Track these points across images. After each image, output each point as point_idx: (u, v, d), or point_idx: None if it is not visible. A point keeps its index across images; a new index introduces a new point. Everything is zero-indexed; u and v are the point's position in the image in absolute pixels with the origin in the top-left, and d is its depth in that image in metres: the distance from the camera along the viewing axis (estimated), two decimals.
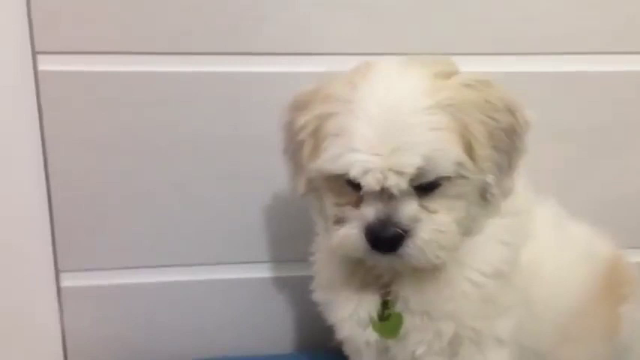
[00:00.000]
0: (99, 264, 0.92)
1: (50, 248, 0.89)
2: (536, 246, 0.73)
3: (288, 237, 0.93)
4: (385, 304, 0.71)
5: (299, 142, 0.67)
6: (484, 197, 0.66)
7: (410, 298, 0.69)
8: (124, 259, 0.92)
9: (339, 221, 0.65)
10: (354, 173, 0.61)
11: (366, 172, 0.61)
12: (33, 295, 0.91)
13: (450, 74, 0.66)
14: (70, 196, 0.88)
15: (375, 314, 0.71)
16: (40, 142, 0.85)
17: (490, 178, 0.65)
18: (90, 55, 0.83)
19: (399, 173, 0.60)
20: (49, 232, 0.89)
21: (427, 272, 0.67)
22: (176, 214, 0.91)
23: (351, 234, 0.63)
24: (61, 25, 0.81)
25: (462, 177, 0.63)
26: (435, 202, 0.63)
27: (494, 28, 0.88)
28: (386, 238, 0.62)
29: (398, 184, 0.60)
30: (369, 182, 0.61)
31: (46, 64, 0.82)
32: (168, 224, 0.91)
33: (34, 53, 0.81)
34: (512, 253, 0.70)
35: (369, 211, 0.62)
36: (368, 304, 0.71)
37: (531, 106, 0.89)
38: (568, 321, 0.75)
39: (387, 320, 0.71)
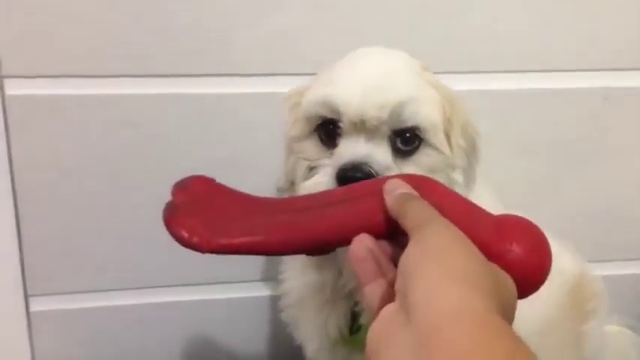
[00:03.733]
0: (68, 287, 0.91)
1: (19, 272, 0.89)
2: None
3: (259, 257, 0.92)
4: (355, 316, 0.68)
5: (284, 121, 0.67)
6: None
7: None
8: (93, 282, 0.91)
9: (311, 171, 0.63)
10: (332, 99, 0.60)
11: (346, 101, 0.59)
12: (2, 320, 0.90)
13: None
14: (38, 220, 0.87)
15: (344, 327, 0.68)
16: (8, 167, 0.84)
17: (458, 174, 0.64)
18: (57, 78, 0.82)
19: (380, 107, 0.59)
20: (17, 257, 0.88)
21: None
22: (145, 236, 0.90)
23: (321, 182, 0.60)
24: (27, 49, 0.80)
25: (435, 148, 0.62)
26: (407, 168, 0.61)
27: (459, 47, 0.89)
28: (358, 179, 0.57)
29: (378, 116, 0.59)
30: (348, 113, 0.59)
31: (12, 88, 0.81)
32: (136, 247, 0.90)
33: (0, 77, 0.81)
34: None
35: (344, 153, 0.60)
36: (337, 318, 0.68)
37: (497, 122, 0.92)
38: (537, 340, 0.74)
39: (357, 333, 0.67)
